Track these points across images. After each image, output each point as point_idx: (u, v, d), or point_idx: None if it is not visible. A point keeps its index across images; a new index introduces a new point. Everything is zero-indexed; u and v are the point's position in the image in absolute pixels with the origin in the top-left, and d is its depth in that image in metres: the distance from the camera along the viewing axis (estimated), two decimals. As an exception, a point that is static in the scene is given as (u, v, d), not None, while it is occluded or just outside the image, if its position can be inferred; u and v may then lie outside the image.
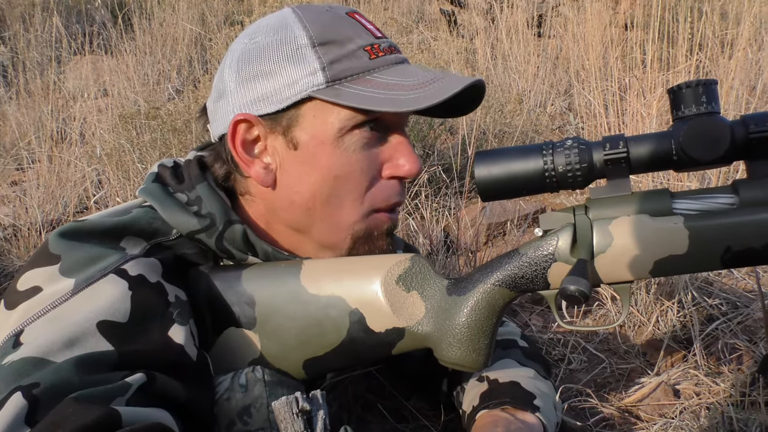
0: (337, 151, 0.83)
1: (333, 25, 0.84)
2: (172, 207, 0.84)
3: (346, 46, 0.83)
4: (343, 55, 0.82)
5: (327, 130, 0.82)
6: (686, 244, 0.73)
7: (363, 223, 0.87)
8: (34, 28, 4.02)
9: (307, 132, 0.83)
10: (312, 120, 0.83)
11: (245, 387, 0.77)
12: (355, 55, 0.83)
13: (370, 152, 0.85)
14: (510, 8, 3.77)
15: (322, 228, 0.86)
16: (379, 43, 0.86)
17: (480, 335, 0.80)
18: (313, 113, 0.82)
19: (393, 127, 0.87)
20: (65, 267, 0.74)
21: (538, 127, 2.66)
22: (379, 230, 0.88)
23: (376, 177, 0.86)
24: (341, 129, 0.82)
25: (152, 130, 2.25)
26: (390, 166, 0.86)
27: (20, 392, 0.60)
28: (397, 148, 0.86)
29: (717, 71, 2.50)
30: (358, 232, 0.87)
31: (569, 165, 0.75)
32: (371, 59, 0.83)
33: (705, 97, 0.71)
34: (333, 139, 0.82)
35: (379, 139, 0.86)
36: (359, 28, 0.86)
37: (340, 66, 0.82)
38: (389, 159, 0.86)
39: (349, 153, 0.83)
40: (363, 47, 0.83)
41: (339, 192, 0.84)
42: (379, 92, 0.81)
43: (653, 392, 1.20)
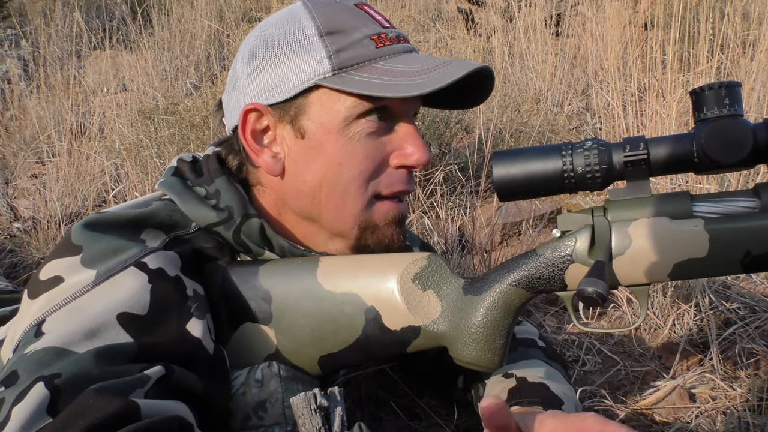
0: (342, 140, 0.83)
1: (340, 15, 0.85)
2: (191, 200, 0.86)
3: (352, 35, 0.84)
4: (350, 43, 0.83)
5: (333, 119, 0.83)
6: (706, 248, 0.72)
7: (367, 211, 0.87)
8: (55, 23, 4.06)
9: (314, 121, 0.84)
10: (319, 108, 0.84)
11: (261, 382, 0.78)
12: (362, 44, 0.83)
13: (376, 141, 0.85)
14: (528, 7, 3.74)
15: (329, 216, 0.87)
16: (387, 32, 0.86)
17: (496, 335, 0.80)
18: (320, 102, 0.83)
19: (401, 117, 0.87)
20: (86, 258, 0.76)
21: (555, 127, 2.64)
22: (385, 219, 0.88)
23: (382, 165, 0.86)
24: (347, 117, 0.83)
25: (170, 126, 2.27)
26: (398, 155, 0.86)
27: (43, 382, 0.61)
28: (404, 137, 0.87)
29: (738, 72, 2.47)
30: (363, 222, 0.87)
31: (588, 166, 0.75)
32: (377, 48, 0.84)
33: (728, 100, 0.70)
34: (339, 128, 0.83)
35: (387, 129, 0.86)
36: (366, 18, 0.86)
37: (346, 54, 0.82)
38: (397, 148, 0.87)
39: (354, 141, 0.84)
40: (369, 36, 0.84)
41: (344, 180, 0.84)
42: (384, 79, 0.81)
43: (668, 395, 1.19)
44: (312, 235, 0.91)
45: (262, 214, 0.90)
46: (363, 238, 0.88)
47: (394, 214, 0.88)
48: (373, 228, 0.88)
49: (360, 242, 0.89)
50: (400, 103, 0.85)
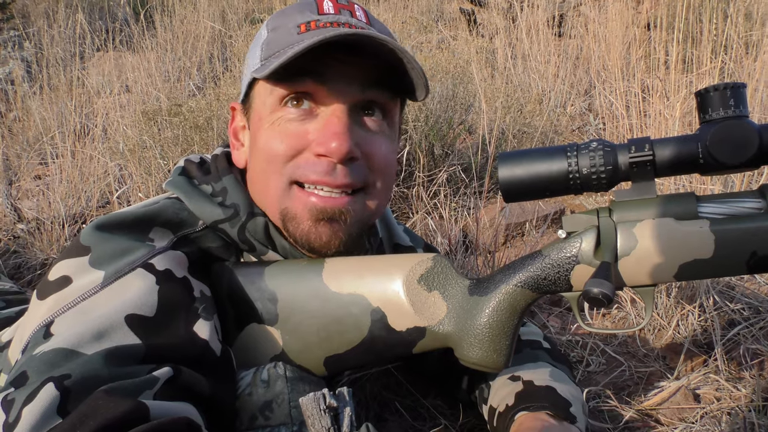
0: (268, 127, 0.86)
1: (289, 10, 0.88)
2: (198, 197, 0.87)
3: (285, 27, 0.86)
4: (280, 35, 0.85)
5: (263, 108, 0.87)
6: (712, 249, 0.73)
7: (285, 198, 0.85)
8: (58, 24, 4.07)
9: (255, 111, 0.89)
10: (257, 100, 0.89)
11: (267, 382, 0.78)
12: (288, 32, 0.85)
13: (298, 128, 0.84)
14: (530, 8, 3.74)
15: (265, 204, 0.88)
16: (320, 18, 0.85)
17: (501, 336, 0.80)
18: (258, 94, 0.88)
19: (328, 104, 0.84)
20: (95, 258, 0.76)
21: (558, 128, 2.64)
22: (302, 210, 0.84)
23: (301, 152, 0.84)
24: (272, 105, 0.85)
25: (174, 127, 2.28)
26: (316, 143, 0.83)
27: (52, 383, 0.62)
28: (325, 125, 0.83)
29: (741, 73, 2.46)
30: (284, 210, 0.85)
31: (594, 167, 0.75)
32: (299, 33, 0.83)
33: (733, 101, 0.70)
34: (266, 116, 0.86)
35: (313, 116, 0.84)
36: (311, 8, 0.86)
37: (271, 46, 0.85)
38: (318, 136, 0.83)
39: (276, 128, 0.85)
40: (298, 24, 0.85)
41: (266, 166, 0.86)
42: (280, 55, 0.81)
43: (673, 396, 1.19)
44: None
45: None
46: (288, 230, 0.86)
47: (312, 207, 0.83)
48: (292, 218, 0.85)
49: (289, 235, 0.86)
50: (326, 89, 0.83)
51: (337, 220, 0.84)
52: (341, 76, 0.82)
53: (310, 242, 0.85)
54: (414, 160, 2.13)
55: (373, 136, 0.86)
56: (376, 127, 0.86)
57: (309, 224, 0.84)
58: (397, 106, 0.91)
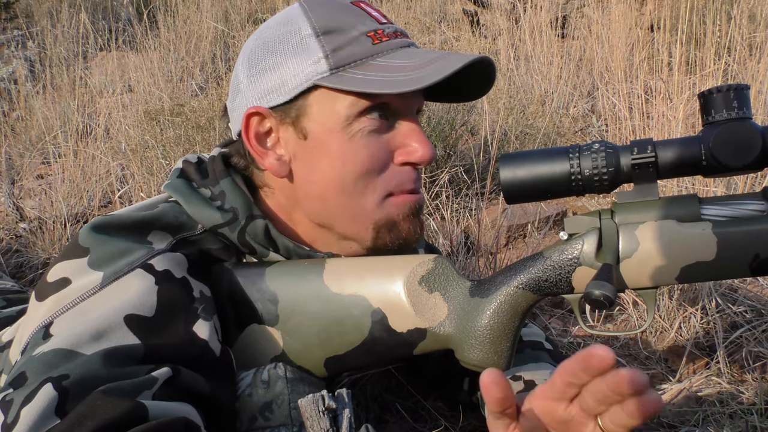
0: (345, 138, 0.83)
1: (336, 13, 0.85)
2: (197, 202, 0.86)
3: (349, 33, 0.83)
4: (346, 41, 0.83)
5: (334, 119, 0.83)
6: (714, 251, 0.72)
7: (381, 210, 0.86)
8: (61, 24, 4.08)
9: (316, 121, 0.84)
10: (319, 109, 0.83)
11: (267, 383, 0.78)
12: (358, 41, 0.83)
13: (379, 138, 0.84)
14: (533, 9, 3.74)
15: (342, 219, 0.86)
16: (383, 28, 0.85)
17: (502, 338, 0.80)
18: (319, 102, 0.83)
19: (403, 113, 0.86)
20: (93, 260, 0.76)
21: (561, 129, 2.63)
22: (402, 213, 0.87)
23: (387, 163, 0.85)
24: (348, 116, 0.82)
25: (176, 127, 2.28)
26: (402, 152, 0.85)
27: (50, 383, 0.61)
28: (407, 134, 0.86)
29: (745, 75, 2.46)
30: (379, 221, 0.86)
31: (596, 169, 0.75)
32: (374, 44, 0.83)
33: (736, 102, 0.70)
34: (341, 127, 0.83)
35: (389, 126, 0.85)
36: (363, 14, 0.86)
37: (342, 53, 0.82)
38: (401, 145, 0.86)
39: (356, 140, 0.83)
40: (366, 33, 0.84)
41: (350, 180, 0.84)
42: (381, 75, 0.81)
43: (675, 399, 1.19)
44: (323, 238, 0.90)
45: (268, 215, 0.90)
46: (380, 238, 0.87)
47: (411, 205, 0.87)
48: (390, 226, 0.87)
49: (377, 243, 0.87)
50: (400, 99, 0.84)
51: (421, 212, 0.91)
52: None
53: (405, 240, 0.88)
54: (416, 161, 2.12)
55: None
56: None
57: (407, 225, 0.88)
58: None
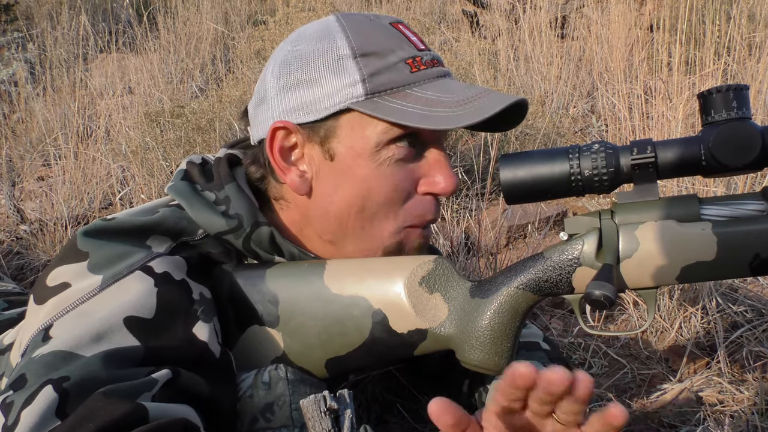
0: (372, 165, 0.82)
1: (375, 35, 0.84)
2: (200, 207, 0.85)
3: (387, 58, 0.82)
4: (384, 67, 0.82)
5: (364, 143, 0.82)
6: (714, 251, 0.72)
7: (396, 237, 0.86)
8: (62, 26, 4.08)
9: (344, 144, 0.83)
10: (350, 132, 0.83)
11: (268, 385, 0.78)
12: (396, 68, 0.82)
13: (406, 167, 0.84)
14: (533, 9, 3.74)
15: (355, 240, 0.86)
16: (422, 55, 0.85)
17: (503, 338, 0.80)
18: (351, 125, 0.82)
19: (431, 143, 0.86)
20: (93, 263, 0.76)
21: (561, 130, 2.63)
22: (410, 245, 0.88)
23: (411, 192, 0.85)
24: (378, 143, 0.82)
25: (176, 128, 2.28)
26: (426, 182, 0.86)
27: (51, 385, 0.62)
28: (433, 164, 0.85)
29: (745, 75, 2.46)
30: (389, 246, 0.87)
31: (596, 169, 0.75)
32: (412, 72, 0.83)
33: (736, 103, 0.70)
34: (370, 153, 0.82)
35: (417, 155, 0.85)
36: (402, 39, 0.85)
37: (380, 78, 0.81)
38: (425, 175, 0.86)
39: (384, 167, 0.83)
40: (405, 60, 0.83)
41: (373, 205, 0.84)
42: (418, 108, 0.80)
43: (676, 399, 1.19)
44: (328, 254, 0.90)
45: (279, 227, 0.90)
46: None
47: (420, 242, 0.88)
48: (398, 251, 0.88)
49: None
50: (431, 130, 0.84)
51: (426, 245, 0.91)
52: None
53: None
54: (416, 162, 2.12)
55: None
56: None
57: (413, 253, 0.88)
58: None
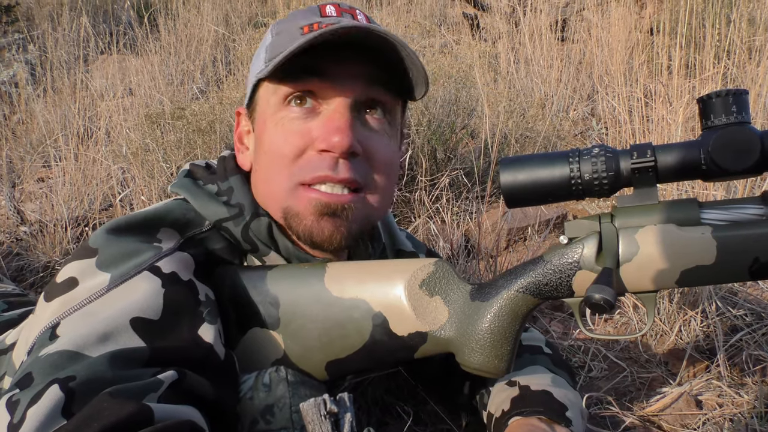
0: (272, 128, 0.87)
1: (293, 15, 0.90)
2: (202, 196, 0.89)
3: (289, 31, 0.86)
4: (283, 38, 0.86)
5: (267, 109, 0.88)
6: (714, 255, 0.72)
7: (291, 197, 0.85)
8: (62, 27, 4.09)
9: (258, 114, 0.91)
10: (262, 102, 0.90)
11: (268, 386, 0.78)
12: (291, 34, 0.86)
13: (301, 126, 0.85)
14: (533, 12, 3.75)
15: (268, 204, 0.89)
16: (322, 20, 0.86)
17: (503, 341, 0.80)
18: (262, 96, 0.90)
19: (330, 101, 0.85)
20: (101, 261, 0.77)
21: (561, 132, 2.64)
22: (307, 207, 0.85)
23: (305, 150, 0.85)
24: (276, 104, 0.87)
25: (177, 130, 2.28)
26: (320, 139, 0.84)
27: (57, 384, 0.62)
28: (326, 120, 0.84)
29: (744, 78, 2.46)
30: (287, 209, 0.86)
31: (596, 173, 0.75)
32: (303, 34, 0.84)
33: (735, 107, 0.70)
34: (270, 116, 0.87)
35: (316, 113, 0.86)
36: (315, 13, 0.88)
37: (276, 48, 0.86)
38: (320, 133, 0.84)
39: (280, 128, 0.86)
40: (301, 26, 0.85)
41: (270, 166, 0.87)
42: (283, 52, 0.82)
43: (675, 402, 1.19)
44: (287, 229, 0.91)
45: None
46: (291, 227, 0.87)
47: (317, 203, 0.84)
48: (295, 214, 0.85)
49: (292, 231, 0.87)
50: (329, 86, 0.84)
51: (340, 216, 0.85)
52: (344, 73, 0.84)
53: (312, 237, 0.86)
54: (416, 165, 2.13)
55: (375, 134, 0.88)
56: (378, 125, 0.88)
57: (312, 219, 0.85)
58: (398, 105, 0.92)
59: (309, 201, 0.84)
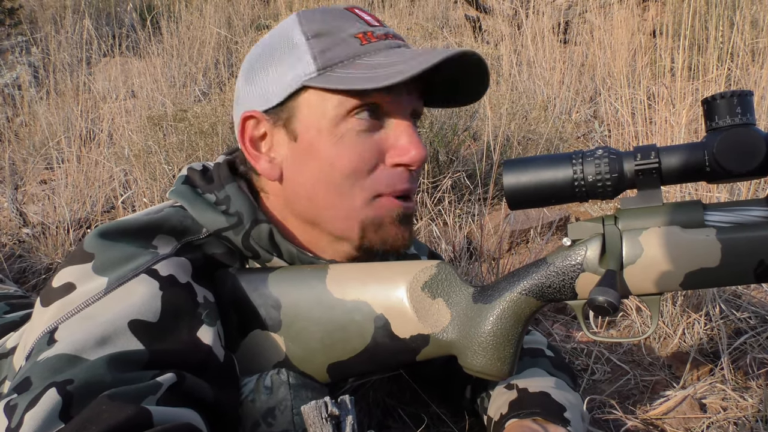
0: (333, 140, 0.83)
1: (327, 18, 0.86)
2: (201, 205, 0.87)
3: (337, 35, 0.84)
4: (334, 43, 0.83)
5: (322, 119, 0.84)
6: (718, 257, 0.72)
7: (369, 209, 0.86)
8: (65, 30, 4.10)
9: (304, 123, 0.85)
10: (308, 110, 0.84)
11: (270, 389, 0.78)
12: (346, 42, 0.84)
13: (369, 139, 0.84)
14: (536, 14, 3.75)
15: (328, 217, 0.87)
16: (373, 30, 0.86)
17: (505, 344, 0.80)
18: (308, 103, 0.84)
19: (394, 114, 0.86)
20: (98, 265, 0.76)
21: (563, 135, 2.63)
22: (389, 216, 0.86)
23: (377, 164, 0.85)
24: (335, 116, 0.83)
25: (179, 132, 2.28)
26: (393, 153, 0.85)
27: (55, 388, 0.62)
28: (398, 134, 0.85)
29: (748, 81, 2.46)
30: (365, 220, 0.86)
31: (599, 175, 0.75)
32: (362, 45, 0.84)
33: (740, 108, 0.70)
34: (329, 128, 0.83)
35: (380, 126, 0.85)
36: (354, 18, 0.87)
37: (329, 53, 0.83)
38: (392, 146, 0.85)
39: (345, 140, 0.83)
40: (354, 34, 0.84)
41: (336, 179, 0.84)
42: (364, 73, 0.81)
43: (679, 405, 1.18)
44: (316, 239, 0.91)
45: (269, 219, 0.90)
46: (366, 238, 0.87)
47: (399, 212, 0.87)
48: (376, 226, 0.87)
49: (363, 242, 0.88)
50: (391, 99, 0.84)
51: (411, 222, 0.90)
52: (405, 87, 0.84)
53: (392, 245, 0.88)
54: (418, 167, 2.12)
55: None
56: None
57: (393, 228, 0.87)
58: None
59: (390, 211, 0.86)
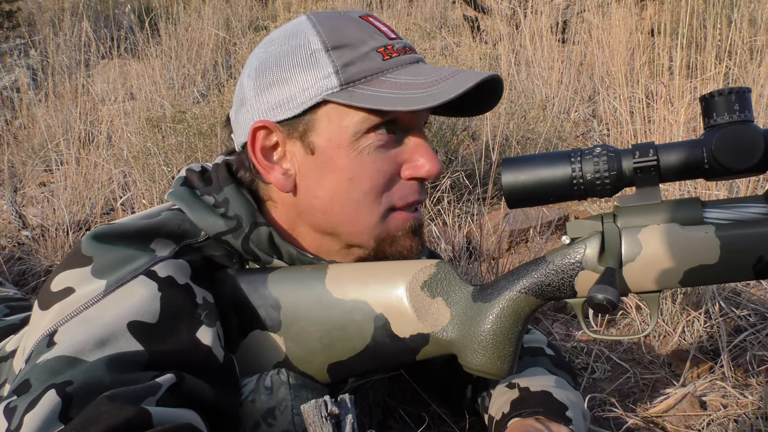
0: (353, 154, 0.83)
1: (346, 28, 0.85)
2: (200, 209, 0.86)
3: (359, 49, 0.83)
4: (357, 57, 0.83)
5: (342, 134, 0.83)
6: (717, 254, 0.72)
7: (383, 224, 0.87)
8: (64, 32, 4.10)
9: (323, 136, 0.84)
10: (327, 124, 0.83)
11: (270, 389, 0.78)
12: (369, 57, 0.83)
13: (387, 154, 0.85)
14: (534, 14, 3.75)
15: (345, 230, 0.87)
16: (393, 44, 0.86)
17: (505, 342, 0.80)
18: (328, 117, 0.83)
19: (410, 129, 0.87)
20: (96, 268, 0.76)
21: (562, 134, 2.63)
22: (402, 229, 0.88)
23: (394, 178, 0.86)
24: (356, 132, 0.83)
25: (178, 134, 2.28)
26: (409, 167, 0.87)
27: (54, 390, 0.62)
28: (414, 149, 0.87)
29: (746, 78, 2.46)
30: (380, 234, 0.87)
31: (598, 173, 0.75)
32: (384, 60, 0.84)
33: (738, 105, 0.70)
34: (349, 142, 0.83)
35: (397, 141, 0.86)
36: (373, 30, 0.86)
37: (353, 69, 0.82)
38: (408, 160, 0.87)
39: (364, 155, 0.83)
40: (376, 49, 0.84)
41: (355, 194, 0.85)
42: (391, 92, 0.81)
43: (679, 403, 1.18)
44: (327, 247, 0.91)
45: (274, 227, 0.90)
46: (380, 250, 0.89)
47: (411, 224, 0.89)
48: (391, 240, 0.88)
49: (378, 254, 0.89)
50: (409, 115, 0.85)
51: (421, 231, 0.91)
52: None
53: (404, 256, 0.90)
54: (418, 167, 2.12)
55: None
56: None
57: (406, 239, 0.89)
58: None
59: (403, 223, 0.88)
